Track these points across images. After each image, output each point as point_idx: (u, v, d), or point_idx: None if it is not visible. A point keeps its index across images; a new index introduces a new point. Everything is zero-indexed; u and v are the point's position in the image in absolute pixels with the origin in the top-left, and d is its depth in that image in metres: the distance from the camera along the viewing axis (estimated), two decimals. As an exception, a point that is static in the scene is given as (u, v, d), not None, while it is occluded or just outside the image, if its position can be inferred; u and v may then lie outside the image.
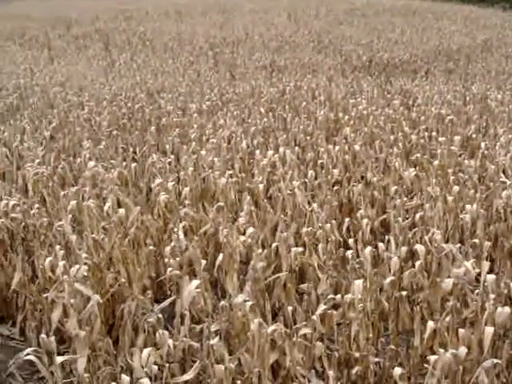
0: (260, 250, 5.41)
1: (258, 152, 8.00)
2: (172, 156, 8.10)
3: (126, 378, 3.92)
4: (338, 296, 4.85)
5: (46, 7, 56.43)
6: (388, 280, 4.97)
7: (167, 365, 4.17)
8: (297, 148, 8.43)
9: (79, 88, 13.82)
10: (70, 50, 23.79)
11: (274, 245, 5.70)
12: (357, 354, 4.58)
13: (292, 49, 21.08)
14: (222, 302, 4.61)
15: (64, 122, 10.52)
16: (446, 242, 5.87)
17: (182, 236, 5.53)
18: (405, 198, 6.86)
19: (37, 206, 6.35)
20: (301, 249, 5.62)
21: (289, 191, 6.65)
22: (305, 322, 4.61)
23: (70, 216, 5.97)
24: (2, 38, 29.50)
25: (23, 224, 6.14)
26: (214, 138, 8.77)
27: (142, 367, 4.08)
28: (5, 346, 5.62)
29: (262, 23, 30.84)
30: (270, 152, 7.90)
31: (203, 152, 7.88)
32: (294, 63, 17.56)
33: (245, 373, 4.25)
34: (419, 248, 5.29)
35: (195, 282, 4.60)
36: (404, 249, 5.49)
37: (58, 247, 5.29)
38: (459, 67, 17.66)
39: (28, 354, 4.13)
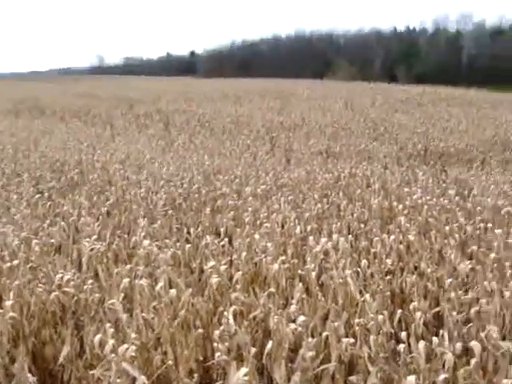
0: (310, 339, 5.32)
1: (311, 238, 7.98)
2: (226, 239, 8.14)
3: None
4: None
5: (111, 87, 58.74)
6: (442, 377, 4.80)
7: None
8: (350, 236, 8.38)
9: (138, 166, 14.16)
10: (131, 129, 24.55)
11: (324, 334, 5.60)
12: None
13: (347, 135, 21.31)
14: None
15: (121, 199, 10.74)
16: (503, 339, 5.67)
17: (231, 320, 5.48)
18: (460, 291, 6.69)
19: (90, 281, 6.42)
20: (351, 339, 5.50)
21: (341, 280, 6.57)
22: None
23: (122, 294, 6.00)
24: (70, 115, 30.64)
25: (75, 298, 6.20)
26: (268, 222, 8.80)
27: None
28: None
29: (318, 109, 31.33)
30: (324, 239, 7.86)
31: (257, 236, 7.90)
32: (350, 150, 17.73)
33: None
34: (475, 345, 5.11)
35: (243, 370, 4.53)
36: (459, 345, 5.32)
37: (107, 325, 5.31)
38: (516, 157, 17.54)
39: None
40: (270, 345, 5.19)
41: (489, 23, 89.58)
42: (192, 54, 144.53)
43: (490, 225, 9.05)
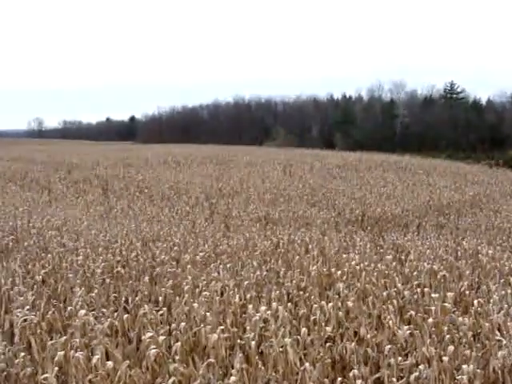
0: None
1: (250, 307, 7.93)
2: (164, 308, 8.02)
3: None
4: None
5: (50, 151, 58.15)
6: None
7: None
8: (289, 303, 8.38)
9: (75, 233, 13.94)
10: (69, 194, 24.27)
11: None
12: None
13: (286, 201, 21.56)
14: None
15: (57, 267, 10.50)
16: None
17: (169, 393, 5.37)
18: (399, 357, 6.73)
19: (22, 354, 6.19)
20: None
21: (281, 348, 6.54)
22: None
23: (56, 367, 5.81)
24: (5, 179, 30.09)
25: (5, 373, 5.97)
26: (207, 290, 8.73)
27: None
28: None
29: (257, 176, 31.68)
30: (263, 307, 7.83)
31: (195, 304, 7.81)
32: (288, 216, 17.90)
33: None
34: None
35: None
36: (399, 412, 5.32)
37: (40, 401, 5.12)
38: (450, 221, 18.05)
39: None
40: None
41: (420, 92, 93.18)
42: (132, 118, 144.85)
43: (426, 289, 9.21)
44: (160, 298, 8.63)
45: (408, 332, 7.32)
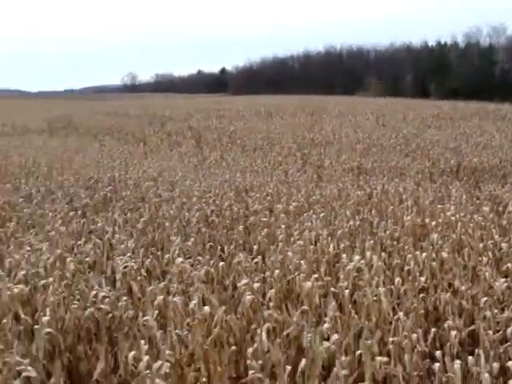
0: (343, 357, 5.30)
1: (344, 256, 7.95)
2: (259, 256, 8.15)
3: None
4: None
5: (143, 105, 59.40)
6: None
7: None
8: (383, 253, 8.34)
9: (170, 183, 14.27)
10: (164, 146, 24.74)
11: (357, 352, 5.57)
12: None
13: (379, 152, 21.21)
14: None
15: (154, 216, 10.83)
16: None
17: (264, 338, 5.49)
18: (495, 310, 6.60)
19: (124, 298, 6.47)
20: (385, 358, 5.47)
21: (374, 297, 6.54)
22: None
23: (156, 311, 6.04)
24: (103, 132, 31.03)
25: (110, 315, 6.25)
26: (301, 239, 8.80)
27: None
28: None
29: (349, 126, 31.28)
30: (357, 257, 7.83)
31: (289, 253, 7.90)
32: (381, 166, 17.63)
33: None
34: (512, 365, 5.04)
35: (277, 388, 4.52)
36: (496, 365, 5.25)
37: (142, 342, 5.35)
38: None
39: None
40: (303, 363, 5.18)
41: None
42: (222, 70, 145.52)
43: (525, 241, 8.94)
44: (254, 247, 8.79)
45: (505, 285, 7.16)
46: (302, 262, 7.61)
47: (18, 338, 5.99)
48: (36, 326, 5.86)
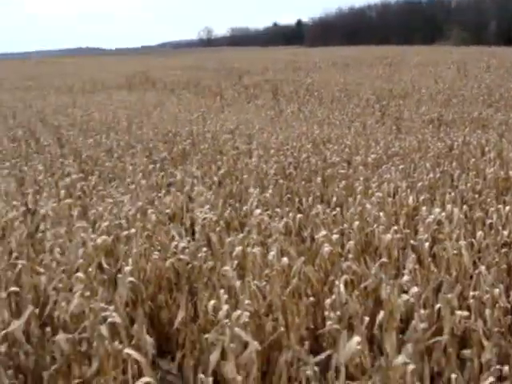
0: (422, 310, 5.24)
1: (423, 208, 7.81)
2: (337, 208, 8.11)
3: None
4: (506, 368, 4.54)
5: (220, 59, 59.43)
6: None
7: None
8: (464, 206, 8.14)
9: (248, 136, 14.31)
10: (240, 99, 24.74)
11: (436, 306, 5.49)
12: None
13: (461, 102, 20.56)
14: (381, 361, 4.47)
15: (232, 169, 10.91)
16: None
17: (342, 289, 5.48)
18: None
19: (204, 249, 6.57)
20: (465, 312, 5.37)
21: (455, 251, 6.42)
22: (467, 392, 4.36)
23: (235, 262, 6.12)
24: (180, 87, 31.29)
25: (190, 265, 6.36)
26: (379, 191, 8.69)
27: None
28: (164, 380, 5.81)
29: (429, 76, 30.39)
30: (437, 209, 7.67)
31: (368, 205, 7.83)
32: (463, 117, 17.10)
33: None
34: None
35: (356, 339, 4.52)
36: None
37: (221, 291, 5.43)
38: None
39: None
40: (381, 315, 5.15)
41: None
42: (298, 22, 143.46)
43: None
44: (332, 199, 8.74)
45: None
46: (381, 214, 7.52)
47: (103, 286, 6.19)
48: (119, 276, 6.04)
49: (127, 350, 4.45)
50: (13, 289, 6.01)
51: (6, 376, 4.63)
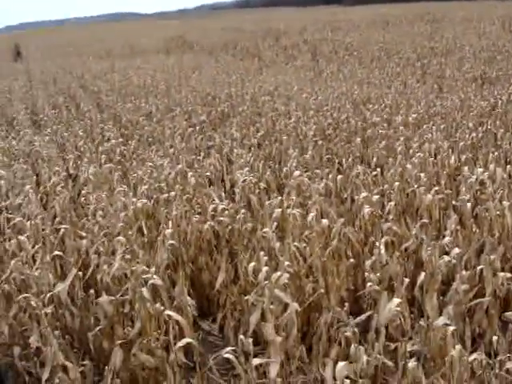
0: (463, 272, 5.17)
1: (465, 168, 7.67)
2: (377, 169, 8.02)
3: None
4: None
5: (256, 19, 58.83)
6: None
7: (360, 381, 4.07)
8: (508, 166, 7.96)
9: (286, 97, 14.19)
10: (279, 60, 24.52)
11: (478, 267, 5.42)
12: None
13: (506, 59, 19.99)
14: (421, 323, 4.44)
15: (271, 130, 10.85)
16: None
17: (383, 251, 5.44)
18: None
19: (243, 211, 6.57)
20: (508, 274, 5.29)
21: (497, 212, 6.29)
22: (509, 355, 4.31)
23: (274, 223, 6.10)
24: (217, 49, 31.13)
25: (229, 227, 6.37)
26: (420, 151, 8.56)
27: (334, 379, 4.03)
28: (205, 341, 5.88)
29: (473, 32, 29.60)
30: (479, 169, 7.52)
31: (409, 166, 7.71)
32: (507, 75, 16.65)
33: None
34: None
35: (396, 301, 4.49)
36: None
37: (261, 253, 5.43)
38: None
39: (227, 353, 4.24)
40: (422, 276, 5.09)
41: None
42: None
43: None
44: (372, 159, 8.64)
45: None
46: (422, 174, 7.41)
47: (143, 249, 6.26)
48: (159, 238, 6.10)
49: (168, 312, 4.50)
50: (57, 252, 6.14)
51: (53, 336, 4.72)
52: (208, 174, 8.56)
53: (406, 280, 5.05)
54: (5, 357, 5.95)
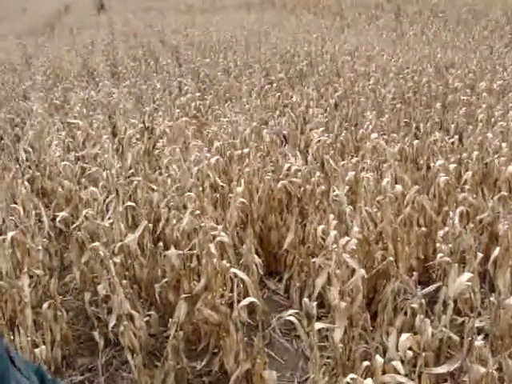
0: (543, 248, 4.98)
1: (552, 140, 7.33)
2: (455, 136, 7.77)
3: (379, 359, 3.79)
4: None
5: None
6: None
7: (423, 354, 3.99)
8: None
9: (367, 58, 13.88)
10: (361, 20, 23.98)
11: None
12: None
13: None
14: (491, 299, 4.30)
15: (349, 91, 10.65)
16: None
17: (456, 221, 5.27)
18: None
19: (317, 173, 6.49)
20: None
21: None
22: None
23: (347, 186, 6.01)
24: (299, 7, 30.70)
25: (302, 188, 6.32)
26: (503, 120, 8.22)
27: (397, 350, 3.96)
28: (270, 300, 5.91)
29: None
30: None
31: (490, 135, 7.43)
32: None
33: (504, 380, 3.93)
34: None
35: (468, 275, 4.35)
36: None
37: (331, 216, 5.36)
38: None
39: (290, 315, 4.23)
40: (496, 251, 4.92)
41: None
42: None
43: None
44: (451, 126, 8.37)
45: None
46: (503, 144, 7.11)
47: (214, 205, 6.29)
48: (230, 195, 6.11)
49: (234, 270, 4.51)
50: (129, 203, 6.25)
51: (121, 285, 4.83)
52: (284, 132, 8.50)
53: (479, 254, 4.89)
54: (76, 301, 6.17)
